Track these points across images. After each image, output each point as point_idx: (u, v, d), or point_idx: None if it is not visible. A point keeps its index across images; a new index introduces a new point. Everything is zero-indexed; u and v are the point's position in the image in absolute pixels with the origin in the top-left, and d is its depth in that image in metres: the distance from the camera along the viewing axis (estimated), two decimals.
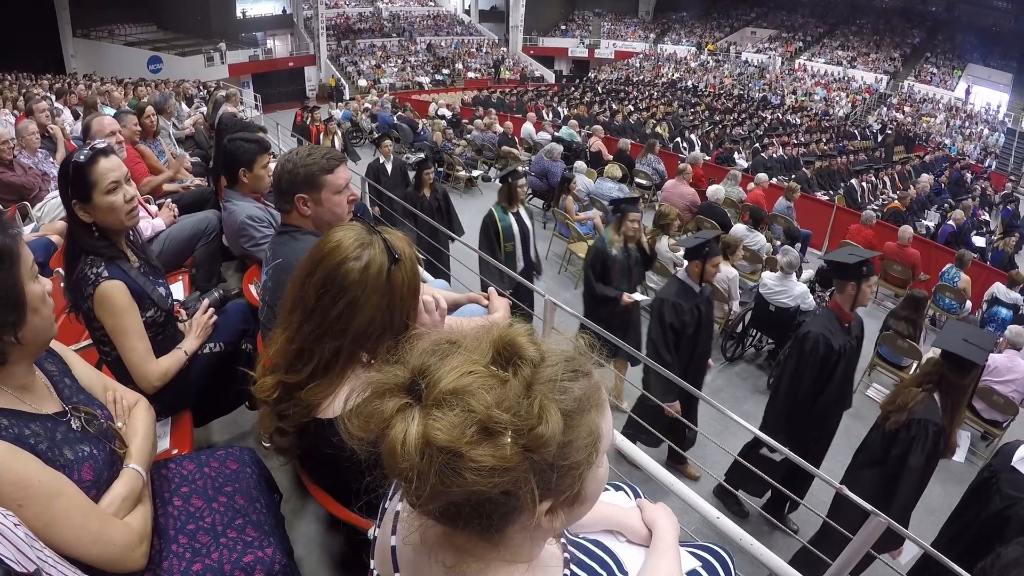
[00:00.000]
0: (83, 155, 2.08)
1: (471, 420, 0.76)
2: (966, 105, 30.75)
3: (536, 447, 0.78)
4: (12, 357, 1.38)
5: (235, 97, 8.98)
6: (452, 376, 0.80)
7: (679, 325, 4.51)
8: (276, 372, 1.59)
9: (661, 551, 1.32)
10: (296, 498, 2.63)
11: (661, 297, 4.60)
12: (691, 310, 4.54)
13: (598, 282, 5.40)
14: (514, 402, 0.79)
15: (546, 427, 0.78)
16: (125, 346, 2.12)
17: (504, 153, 13.88)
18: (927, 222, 12.42)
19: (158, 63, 28.83)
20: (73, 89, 13.23)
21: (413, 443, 0.76)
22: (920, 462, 3.33)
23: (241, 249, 3.20)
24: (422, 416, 0.78)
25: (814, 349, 3.95)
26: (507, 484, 0.77)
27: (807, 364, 3.99)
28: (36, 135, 5.01)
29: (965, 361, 3.23)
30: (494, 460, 0.76)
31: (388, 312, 1.54)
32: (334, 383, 1.55)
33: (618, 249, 5.39)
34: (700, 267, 4.53)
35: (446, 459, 0.75)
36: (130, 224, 2.21)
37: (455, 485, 0.76)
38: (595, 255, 5.44)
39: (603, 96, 25.97)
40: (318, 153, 2.42)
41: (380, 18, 38.95)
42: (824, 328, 3.98)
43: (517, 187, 5.94)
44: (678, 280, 4.66)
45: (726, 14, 41.99)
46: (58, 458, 1.41)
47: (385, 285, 1.53)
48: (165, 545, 1.60)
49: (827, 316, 4.09)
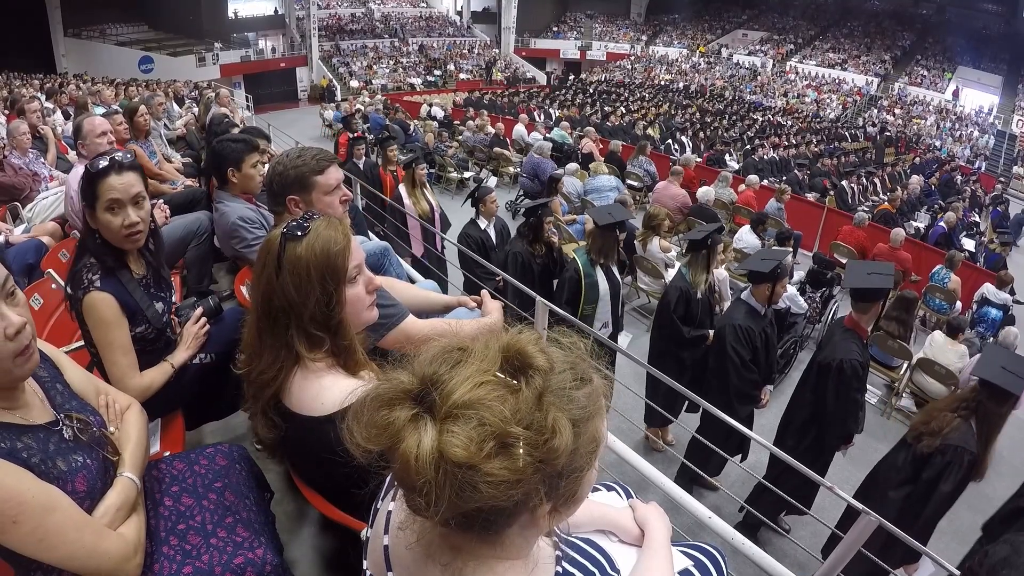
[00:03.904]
0: (100, 163, 2.05)
1: (487, 434, 0.76)
2: (955, 107, 30.95)
3: (549, 459, 0.78)
4: None
5: (225, 97, 8.93)
6: (465, 387, 0.79)
7: (748, 352, 4.26)
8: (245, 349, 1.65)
9: (653, 550, 1.33)
10: (288, 499, 2.62)
11: (731, 323, 4.29)
12: (760, 334, 4.29)
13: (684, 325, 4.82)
14: (527, 415, 0.78)
15: (559, 439, 0.79)
16: (108, 359, 2.10)
17: (496, 155, 13.88)
18: (917, 223, 12.48)
19: (149, 63, 28.74)
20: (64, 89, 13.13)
21: (427, 457, 0.76)
22: (951, 488, 3.30)
23: (233, 250, 3.18)
24: (436, 429, 0.78)
25: (854, 373, 3.81)
26: (520, 495, 0.78)
27: (851, 389, 3.85)
28: (27, 135, 4.98)
29: (1004, 391, 3.22)
30: (509, 473, 0.76)
31: (290, 287, 1.52)
32: (271, 363, 1.57)
33: (702, 292, 4.85)
34: (770, 289, 4.19)
35: (462, 474, 0.75)
36: (127, 247, 2.15)
37: (471, 499, 0.76)
38: (679, 296, 4.78)
39: (594, 98, 25.99)
40: (308, 154, 2.43)
41: (372, 19, 38.87)
42: (849, 351, 3.83)
43: (617, 240, 4.91)
44: (744, 303, 4.35)
45: (717, 16, 42.17)
46: (51, 470, 1.39)
47: (277, 259, 1.53)
48: (156, 547, 1.60)
49: (847, 336, 3.92)
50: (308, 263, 1.51)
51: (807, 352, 7.58)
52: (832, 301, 7.92)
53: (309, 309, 1.53)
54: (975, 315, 8.46)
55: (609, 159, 12.21)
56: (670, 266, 7.31)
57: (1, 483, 1.26)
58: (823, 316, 7.74)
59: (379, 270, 3.09)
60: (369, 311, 1.73)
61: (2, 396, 1.40)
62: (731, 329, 4.27)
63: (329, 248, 1.54)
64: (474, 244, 5.83)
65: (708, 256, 4.75)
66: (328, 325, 1.57)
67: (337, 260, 1.55)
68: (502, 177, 13.57)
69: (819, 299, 7.70)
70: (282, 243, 1.53)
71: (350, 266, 1.59)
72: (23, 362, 1.37)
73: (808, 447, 4.07)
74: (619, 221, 4.77)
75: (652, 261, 7.39)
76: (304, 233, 1.53)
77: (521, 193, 11.52)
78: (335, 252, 1.55)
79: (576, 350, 0.92)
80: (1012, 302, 8.52)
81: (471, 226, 6.01)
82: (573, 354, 0.91)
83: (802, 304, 7.21)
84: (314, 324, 1.55)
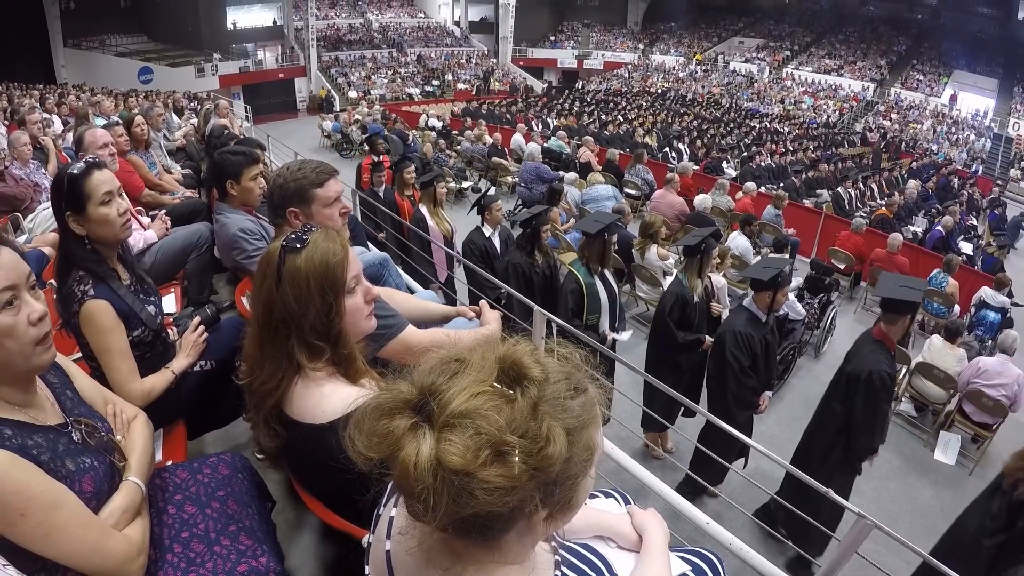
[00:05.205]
0: (77, 168, 2.10)
1: (483, 443, 0.78)
2: (951, 111, 31.05)
3: (544, 467, 0.81)
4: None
5: (224, 108, 8.93)
6: (462, 397, 0.82)
7: (748, 359, 4.29)
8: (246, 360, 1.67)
9: (651, 556, 1.34)
10: (289, 508, 2.63)
11: (732, 329, 4.32)
12: (760, 341, 4.33)
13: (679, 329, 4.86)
14: (522, 424, 0.81)
15: (553, 448, 0.81)
16: (108, 365, 2.12)
17: (495, 164, 13.91)
18: (914, 228, 12.50)
19: (149, 74, 28.80)
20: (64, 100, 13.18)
21: (425, 465, 0.78)
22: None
23: (233, 261, 3.19)
24: (434, 438, 0.80)
25: (883, 385, 3.81)
26: (515, 501, 0.80)
27: (880, 401, 3.85)
28: (28, 146, 5.00)
29: None
30: (505, 480, 0.78)
31: (290, 299, 1.54)
32: (272, 373, 1.58)
33: (699, 296, 4.90)
34: (771, 297, 4.25)
35: (459, 481, 0.77)
36: (124, 236, 2.23)
37: (467, 505, 0.78)
38: (675, 301, 4.84)
39: (592, 107, 26.05)
40: (308, 167, 2.46)
41: (370, 29, 39.01)
42: (878, 362, 3.81)
43: (610, 244, 4.94)
44: (746, 310, 4.39)
45: (714, 24, 42.35)
46: (60, 469, 1.41)
47: (276, 271, 1.55)
48: (160, 555, 1.61)
49: (875, 347, 3.89)
50: (308, 275, 1.54)
51: (806, 358, 7.61)
52: (830, 307, 7.93)
53: (309, 320, 1.55)
54: (973, 318, 8.48)
55: (607, 168, 12.24)
56: (668, 274, 7.32)
57: (11, 476, 1.28)
58: (821, 322, 7.75)
59: (378, 281, 3.10)
60: (368, 320, 1.75)
61: (15, 393, 1.43)
62: (731, 335, 4.29)
63: (328, 259, 1.56)
64: (478, 252, 5.85)
65: (702, 261, 4.83)
66: (328, 335, 1.59)
67: (336, 271, 1.57)
68: (500, 187, 13.61)
69: (817, 305, 7.72)
70: (282, 255, 1.55)
71: (348, 277, 1.61)
72: (42, 351, 1.42)
73: (837, 460, 4.06)
74: (606, 226, 4.77)
75: (650, 269, 7.41)
76: (303, 245, 1.56)
77: (519, 203, 11.55)
78: (334, 263, 1.57)
79: (572, 360, 0.95)
80: (1010, 305, 8.53)
81: (476, 233, 6.03)
82: (569, 364, 0.93)
83: (800, 310, 7.22)
84: (314, 334, 1.57)
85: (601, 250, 4.83)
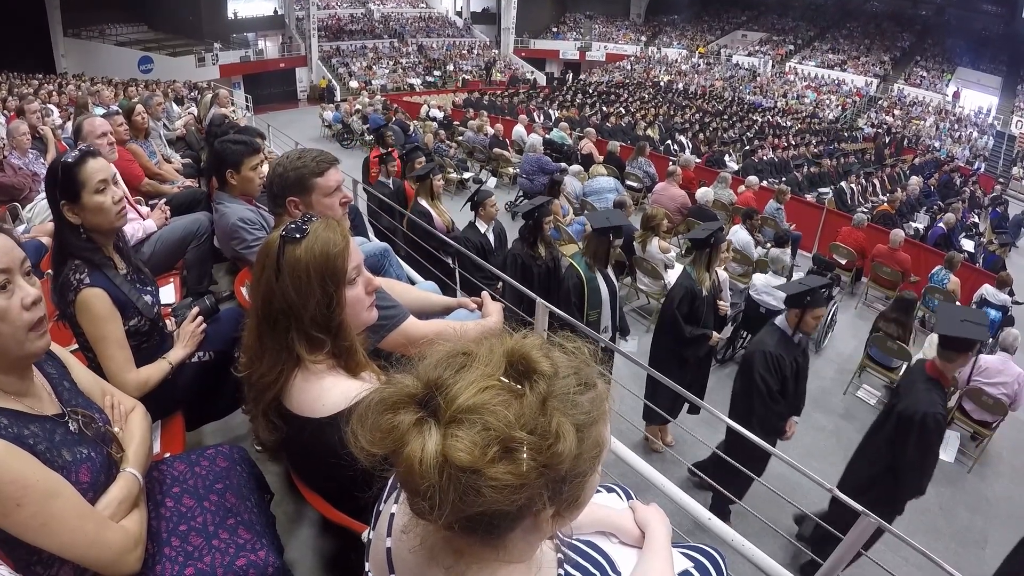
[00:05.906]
0: (71, 157, 2.09)
1: (491, 439, 0.76)
2: (954, 108, 31.00)
3: (553, 464, 0.79)
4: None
5: (224, 97, 8.92)
6: (470, 392, 0.79)
7: (777, 383, 4.06)
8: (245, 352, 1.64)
9: (654, 552, 1.33)
10: (288, 500, 2.62)
11: (762, 349, 4.11)
12: (791, 363, 4.10)
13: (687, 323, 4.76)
14: (531, 419, 0.78)
15: (563, 444, 0.79)
16: (104, 354, 2.11)
17: (496, 155, 13.88)
18: (916, 224, 12.49)
19: (149, 63, 28.76)
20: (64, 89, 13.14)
21: (431, 461, 0.76)
22: None
23: (233, 251, 3.18)
24: (440, 433, 0.77)
25: (937, 427, 3.60)
26: (523, 500, 0.78)
27: (933, 444, 3.67)
28: (27, 136, 4.99)
29: None
30: (513, 478, 0.76)
31: (290, 290, 1.52)
32: (272, 365, 1.57)
33: (707, 289, 4.82)
34: (799, 317, 4.04)
35: (466, 478, 0.75)
36: (119, 224, 2.21)
37: (474, 503, 0.76)
38: (684, 294, 4.74)
39: (594, 99, 25.99)
40: (308, 156, 2.44)
41: (372, 19, 38.89)
42: (933, 404, 3.60)
43: (609, 243, 4.83)
44: (778, 329, 4.16)
45: (717, 17, 42.24)
46: (56, 459, 1.40)
47: (276, 262, 1.53)
48: (158, 548, 1.60)
49: (929, 386, 3.67)
50: (307, 265, 1.51)
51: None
52: (831, 302, 7.91)
53: (309, 311, 1.53)
54: None
55: (608, 160, 12.19)
56: (669, 267, 7.32)
57: (7, 465, 1.27)
58: None
59: (379, 271, 3.09)
60: (369, 312, 1.72)
61: (12, 382, 1.42)
62: (760, 356, 4.10)
63: (328, 250, 1.54)
64: (473, 248, 5.77)
65: (710, 255, 4.75)
66: (328, 327, 1.57)
67: (336, 262, 1.55)
68: (501, 178, 13.60)
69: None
70: (281, 246, 1.53)
71: (349, 267, 1.59)
72: (36, 337, 1.40)
73: (879, 499, 3.77)
74: (614, 226, 4.71)
75: (651, 262, 7.39)
76: (303, 235, 1.53)
77: (520, 194, 11.53)
78: (334, 254, 1.54)
79: (580, 355, 0.92)
80: (1011, 303, 8.54)
81: (470, 230, 5.98)
82: (577, 359, 0.91)
83: None
84: (314, 326, 1.55)
85: (599, 248, 4.81)
